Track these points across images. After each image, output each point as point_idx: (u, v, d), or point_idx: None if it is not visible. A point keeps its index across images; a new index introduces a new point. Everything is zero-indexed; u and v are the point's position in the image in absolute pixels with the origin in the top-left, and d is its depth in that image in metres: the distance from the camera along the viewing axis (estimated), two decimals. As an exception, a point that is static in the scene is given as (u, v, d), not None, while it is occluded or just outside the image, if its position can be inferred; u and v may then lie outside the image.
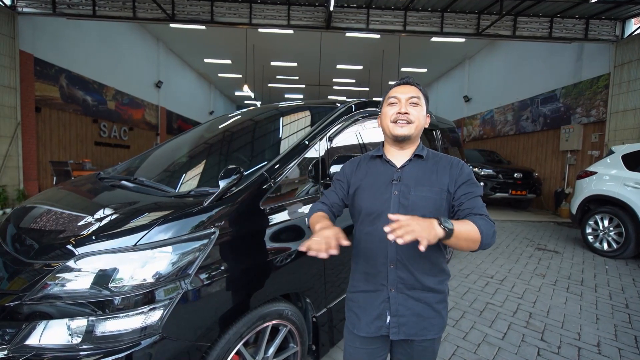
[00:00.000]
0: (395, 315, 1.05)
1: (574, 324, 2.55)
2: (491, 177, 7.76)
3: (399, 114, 1.06)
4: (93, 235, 1.18)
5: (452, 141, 4.15)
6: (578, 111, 7.83)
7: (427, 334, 1.06)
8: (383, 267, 1.05)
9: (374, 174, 1.12)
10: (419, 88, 1.11)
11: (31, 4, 6.49)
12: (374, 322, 1.07)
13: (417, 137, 1.11)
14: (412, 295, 1.05)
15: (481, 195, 1.06)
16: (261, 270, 1.39)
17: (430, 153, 1.13)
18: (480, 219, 0.98)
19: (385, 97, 1.14)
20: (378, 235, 1.03)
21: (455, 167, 1.07)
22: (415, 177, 1.06)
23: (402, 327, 1.05)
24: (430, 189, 1.03)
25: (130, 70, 10.71)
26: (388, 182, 1.07)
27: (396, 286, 1.05)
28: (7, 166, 6.36)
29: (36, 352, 1.02)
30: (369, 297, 1.09)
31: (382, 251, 1.05)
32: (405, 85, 1.10)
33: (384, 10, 7.03)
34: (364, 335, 1.09)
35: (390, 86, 1.15)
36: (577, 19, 7.06)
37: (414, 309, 1.05)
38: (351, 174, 1.18)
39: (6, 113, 6.33)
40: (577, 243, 5.10)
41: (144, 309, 1.07)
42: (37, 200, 1.70)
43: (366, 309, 1.09)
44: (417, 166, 1.08)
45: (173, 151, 2.27)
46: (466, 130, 13.22)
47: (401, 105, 1.06)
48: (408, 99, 1.07)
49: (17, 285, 1.13)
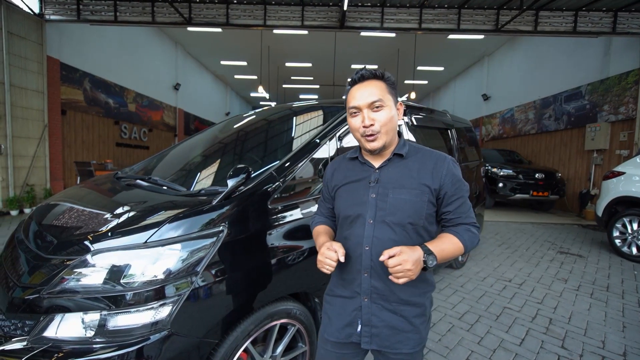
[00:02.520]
0: (368, 324, 0.99)
1: (598, 332, 2.42)
2: (511, 177, 7.51)
3: (364, 127, 0.96)
4: (108, 232, 1.22)
5: (468, 141, 4.04)
6: (605, 108, 7.46)
7: (401, 348, 0.98)
8: (357, 274, 1.00)
9: (352, 176, 1.06)
10: (378, 78, 0.97)
11: (57, 12, 6.80)
12: (344, 328, 1.02)
13: (393, 139, 1.01)
14: (386, 306, 0.98)
15: (468, 193, 1.01)
16: (269, 269, 1.39)
17: (412, 149, 1.03)
18: (466, 231, 0.97)
19: (346, 101, 1.02)
20: (354, 239, 1.00)
21: (439, 166, 0.98)
22: (394, 178, 0.99)
23: (374, 338, 0.99)
24: (410, 191, 0.96)
25: (150, 73, 11.04)
26: (366, 184, 1.01)
27: (370, 295, 0.99)
28: (35, 166, 6.69)
29: (53, 343, 1.06)
30: (344, 303, 1.04)
31: (357, 257, 0.99)
32: (362, 84, 0.97)
33: (399, 8, 6.93)
34: (333, 340, 1.05)
35: (348, 85, 1.02)
36: (604, 11, 6.73)
37: (388, 321, 0.98)
38: (331, 177, 1.13)
39: (34, 116, 6.66)
40: (603, 247, 4.86)
41: (154, 305, 1.09)
42: (57, 199, 1.78)
43: (339, 315, 1.04)
44: (397, 166, 1.01)
45: (186, 151, 2.31)
46: (485, 130, 12.85)
47: (364, 117, 0.95)
48: (369, 105, 0.94)
49: (37, 279, 1.18)
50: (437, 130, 3.20)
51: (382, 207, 0.97)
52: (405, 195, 0.96)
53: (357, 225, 0.99)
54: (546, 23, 6.87)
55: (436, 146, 3.07)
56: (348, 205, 1.03)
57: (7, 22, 5.99)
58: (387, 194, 0.97)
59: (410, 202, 0.95)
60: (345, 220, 1.03)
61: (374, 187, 0.99)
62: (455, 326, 2.46)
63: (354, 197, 1.02)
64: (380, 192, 0.98)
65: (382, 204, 0.97)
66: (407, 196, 0.96)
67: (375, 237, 0.96)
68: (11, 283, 1.25)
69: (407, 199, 0.96)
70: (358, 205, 1.00)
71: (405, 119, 2.53)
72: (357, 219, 0.99)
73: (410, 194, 0.96)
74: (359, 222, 0.99)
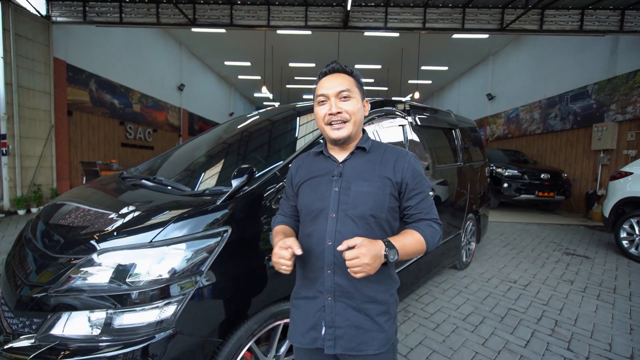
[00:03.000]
0: (331, 326, 0.95)
1: (604, 334, 2.40)
2: (516, 177, 7.45)
3: (330, 115, 0.96)
4: (114, 231, 1.23)
5: (473, 141, 4.03)
6: (612, 108, 7.37)
7: (367, 349, 0.95)
8: (320, 272, 0.97)
9: (316, 171, 1.05)
10: (348, 73, 1.00)
11: (64, 14, 6.88)
12: (308, 332, 0.98)
13: (358, 132, 1.02)
14: (351, 304, 0.95)
15: (430, 189, 1.01)
16: (272, 269, 1.39)
17: (374, 144, 1.05)
18: (428, 226, 0.96)
19: (314, 93, 1.04)
20: (317, 235, 0.97)
21: (400, 160, 0.99)
22: (357, 171, 0.99)
23: (338, 340, 0.95)
24: (371, 184, 0.96)
25: (155, 74, 11.12)
26: (329, 178, 1.00)
27: (333, 293, 0.95)
28: (42, 166, 6.77)
29: (60, 341, 1.08)
30: (307, 304, 1.00)
31: (319, 253, 0.97)
32: (332, 75, 1.00)
33: (403, 8, 6.91)
34: (297, 345, 1.01)
35: (318, 77, 1.04)
36: (611, 10, 6.65)
37: (352, 320, 0.95)
38: (295, 173, 1.11)
39: (41, 116, 6.74)
40: (610, 248, 4.80)
41: (159, 304, 1.10)
42: (64, 198, 1.80)
43: (303, 317, 1.00)
44: (360, 159, 1.01)
45: (191, 152, 2.33)
46: (489, 130, 12.76)
47: (331, 105, 0.97)
48: (337, 94, 0.96)
49: (44, 278, 1.20)
50: (441, 130, 3.19)
51: (344, 201, 0.96)
52: (367, 188, 0.96)
53: (320, 220, 0.97)
54: (552, 22, 6.81)
55: (440, 146, 3.07)
56: (311, 201, 1.01)
57: (15, 24, 6.07)
58: (349, 187, 0.96)
59: (373, 195, 0.95)
60: (308, 217, 1.01)
61: (337, 181, 0.98)
62: (459, 327, 2.44)
63: (317, 192, 1.00)
64: (343, 186, 0.97)
65: (344, 197, 0.96)
66: (369, 188, 0.96)
67: (337, 231, 0.95)
68: (19, 281, 1.27)
69: (369, 191, 0.95)
70: (321, 200, 0.98)
71: (409, 119, 2.53)
72: (320, 214, 0.98)
73: (372, 187, 0.96)
74: (321, 217, 0.97)
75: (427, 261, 2.65)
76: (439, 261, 2.95)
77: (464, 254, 3.58)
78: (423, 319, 2.55)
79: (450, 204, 3.03)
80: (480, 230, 4.01)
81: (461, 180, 3.28)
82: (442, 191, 2.83)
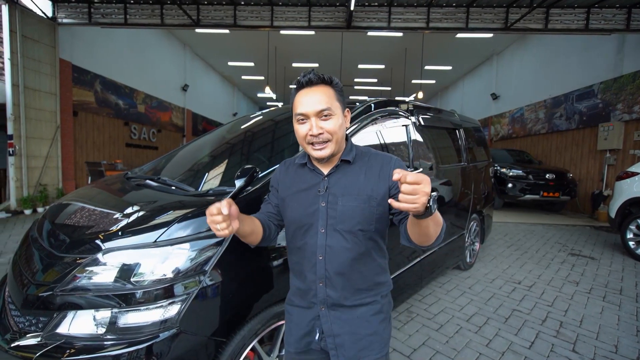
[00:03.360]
0: (330, 334, 0.97)
1: (610, 336, 2.37)
2: (520, 178, 7.39)
3: (312, 136, 0.92)
4: (118, 231, 1.24)
5: (477, 141, 4.00)
6: (619, 107, 7.29)
7: (369, 355, 0.97)
8: (313, 284, 0.98)
9: (301, 183, 1.03)
10: (327, 83, 0.95)
11: (69, 15, 6.95)
12: (303, 338, 1.02)
13: (340, 147, 0.99)
14: (344, 312, 0.98)
15: None
16: (276, 269, 1.40)
17: (358, 153, 1.02)
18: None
19: (292, 105, 0.98)
20: (308, 249, 0.98)
21: (385, 167, 0.97)
22: (343, 185, 0.97)
23: (340, 349, 0.96)
24: (357, 198, 0.94)
25: (159, 75, 11.19)
26: (315, 192, 0.99)
27: (326, 304, 0.98)
28: (47, 166, 6.85)
29: (66, 339, 1.09)
30: (301, 313, 1.03)
31: (311, 267, 0.98)
32: (310, 90, 0.93)
33: (406, 8, 6.89)
34: (292, 350, 1.05)
35: (292, 91, 0.99)
36: (617, 8, 6.58)
37: (348, 327, 0.97)
38: (280, 181, 1.10)
39: (47, 117, 6.81)
40: (617, 249, 4.75)
41: (163, 303, 1.11)
42: (70, 198, 1.82)
43: (297, 325, 1.03)
44: (345, 172, 0.99)
45: (194, 152, 2.34)
46: (494, 129, 12.68)
47: (311, 125, 0.92)
48: (317, 113, 0.91)
49: (50, 277, 1.21)
50: (444, 130, 3.18)
51: (332, 215, 0.95)
52: (353, 202, 0.94)
53: (310, 234, 0.98)
54: (557, 21, 6.75)
55: (444, 146, 3.05)
56: (299, 215, 1.00)
57: (22, 26, 6.14)
58: (336, 201, 0.95)
59: (359, 209, 0.94)
60: (298, 231, 1.01)
61: (323, 196, 0.97)
62: (463, 328, 2.43)
63: (304, 206, 0.99)
64: (330, 200, 0.96)
65: (332, 212, 0.95)
66: (355, 203, 0.94)
67: (327, 245, 0.95)
68: (26, 280, 1.29)
69: (355, 205, 0.94)
70: (309, 215, 0.98)
71: (412, 119, 2.52)
72: (310, 228, 0.98)
73: (358, 201, 0.94)
74: (311, 231, 0.97)
75: (430, 261, 2.64)
76: (442, 261, 2.94)
77: (467, 255, 3.57)
78: (426, 319, 2.55)
79: (453, 204, 3.02)
80: (484, 231, 3.99)
81: (465, 180, 3.27)
82: (446, 191, 2.82)
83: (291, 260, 1.08)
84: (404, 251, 2.25)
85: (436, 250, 2.71)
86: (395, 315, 2.59)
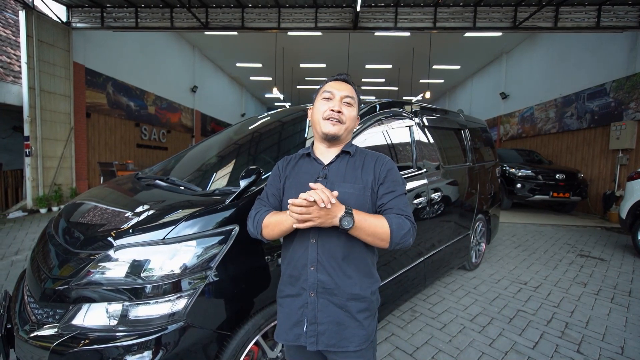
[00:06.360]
0: (314, 322, 1.00)
1: (617, 337, 2.35)
2: (529, 178, 7.30)
3: (332, 111, 1.05)
4: (129, 229, 1.31)
5: (484, 141, 3.99)
6: (631, 106, 7.13)
7: (347, 345, 0.99)
8: (304, 269, 1.02)
9: (302, 173, 1.11)
10: (354, 88, 1.12)
11: (83, 20, 7.15)
12: (292, 329, 1.03)
13: (346, 137, 1.12)
14: (333, 301, 1.00)
15: (404, 193, 1.06)
16: (279, 266, 1.44)
17: (358, 150, 1.13)
18: (396, 217, 0.98)
19: (319, 90, 1.13)
20: (301, 233, 1.03)
21: (378, 164, 1.08)
22: (341, 173, 1.06)
23: (320, 337, 0.99)
24: (353, 186, 1.03)
25: (169, 77, 11.39)
26: (314, 179, 1.06)
27: (316, 290, 1.00)
28: (62, 167, 7.05)
29: (80, 331, 1.15)
30: (291, 302, 1.05)
31: (303, 252, 1.02)
32: (342, 83, 1.12)
33: (413, 8, 6.88)
34: (282, 342, 1.06)
35: (325, 81, 1.15)
36: (630, 5, 6.44)
37: (334, 316, 0.99)
38: (283, 170, 1.16)
39: (61, 119, 7.02)
40: (627, 250, 4.66)
41: (171, 297, 1.17)
42: (83, 198, 1.90)
43: (287, 315, 1.05)
44: (344, 163, 1.09)
45: (202, 153, 2.41)
46: (503, 129, 12.52)
47: (335, 103, 1.06)
48: (343, 97, 1.07)
49: (66, 272, 1.28)
50: (450, 130, 3.18)
51: None
52: (349, 189, 1.02)
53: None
54: (567, 19, 6.64)
55: (449, 146, 3.06)
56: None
57: (38, 31, 6.34)
58: (332, 188, 1.00)
59: (354, 196, 1.02)
60: None
61: (321, 182, 1.04)
62: (466, 327, 2.44)
63: (302, 191, 0.99)
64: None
65: None
66: (350, 190, 1.03)
67: (320, 229, 0.99)
68: (43, 275, 1.36)
69: (350, 192, 1.02)
70: None
71: (416, 120, 2.54)
72: None
73: (354, 188, 1.03)
74: None
75: (434, 261, 2.65)
76: (447, 261, 2.95)
77: (473, 255, 3.56)
78: (430, 318, 2.56)
79: (459, 204, 3.02)
80: (490, 231, 3.97)
81: (471, 180, 3.27)
82: (451, 191, 2.83)
83: (284, 247, 1.13)
84: (407, 251, 2.27)
85: (440, 249, 2.72)
86: (398, 313, 2.61)
